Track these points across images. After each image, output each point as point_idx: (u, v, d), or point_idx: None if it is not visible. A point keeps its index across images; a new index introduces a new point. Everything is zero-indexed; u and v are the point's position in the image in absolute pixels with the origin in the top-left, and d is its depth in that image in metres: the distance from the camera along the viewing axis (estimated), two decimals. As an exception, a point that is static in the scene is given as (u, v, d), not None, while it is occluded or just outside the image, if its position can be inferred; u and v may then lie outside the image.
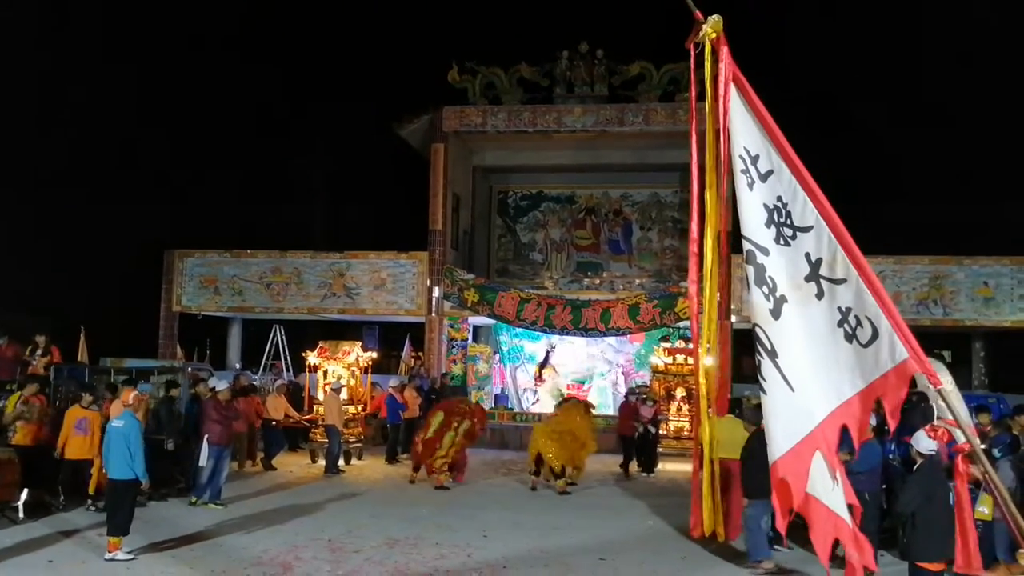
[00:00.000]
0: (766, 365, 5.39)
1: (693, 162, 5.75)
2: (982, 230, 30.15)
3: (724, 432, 11.92)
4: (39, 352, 17.15)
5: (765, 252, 5.34)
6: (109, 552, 10.51)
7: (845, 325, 4.99)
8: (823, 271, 5.06)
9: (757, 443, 10.74)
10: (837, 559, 10.69)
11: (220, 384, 14.88)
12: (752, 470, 10.62)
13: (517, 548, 11.65)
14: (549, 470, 16.03)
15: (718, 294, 5.69)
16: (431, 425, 16.45)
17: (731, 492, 11.37)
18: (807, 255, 5.12)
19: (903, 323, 4.78)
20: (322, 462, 18.26)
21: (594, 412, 18.33)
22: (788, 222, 5.19)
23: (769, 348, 5.37)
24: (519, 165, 28.61)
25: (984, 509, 9.03)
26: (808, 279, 5.14)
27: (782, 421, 5.38)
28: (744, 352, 29.53)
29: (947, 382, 12.10)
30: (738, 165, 5.34)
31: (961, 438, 4.75)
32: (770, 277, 5.34)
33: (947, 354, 33.54)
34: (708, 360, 7.86)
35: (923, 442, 8.40)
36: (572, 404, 17.34)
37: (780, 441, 5.38)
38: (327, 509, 14.05)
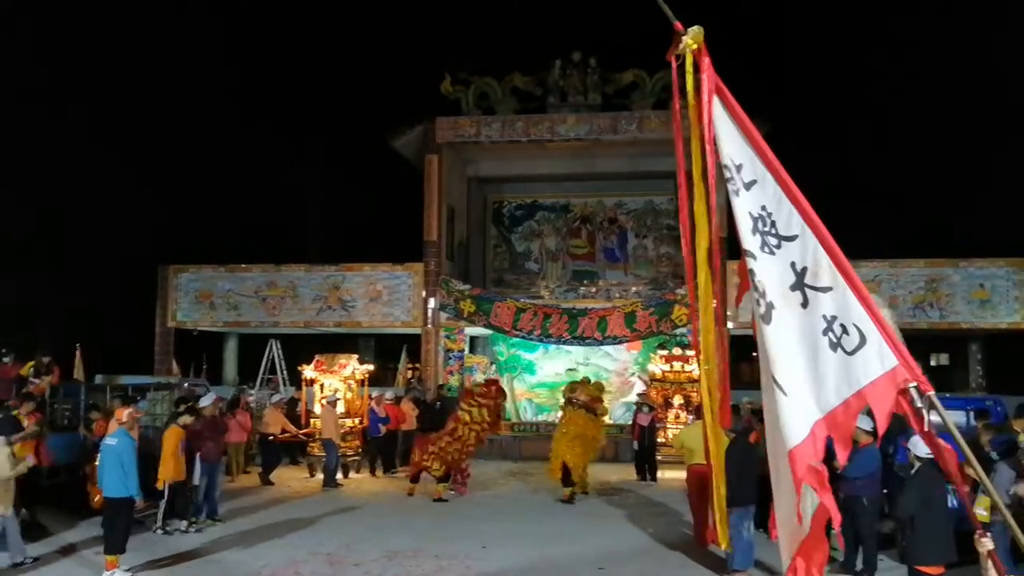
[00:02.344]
0: (763, 368, 5.40)
1: (681, 172, 5.73)
2: (977, 232, 30.22)
3: (700, 438, 11.91)
4: (43, 372, 17.09)
5: (753, 257, 5.34)
6: (107, 571, 10.50)
7: (830, 334, 4.97)
8: (808, 280, 5.06)
9: (736, 451, 10.72)
10: (836, 562, 10.70)
11: (205, 400, 14.79)
12: (731, 478, 10.57)
13: (516, 558, 11.63)
14: (577, 476, 16.05)
15: (714, 301, 5.67)
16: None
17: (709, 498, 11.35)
18: (792, 264, 5.11)
19: (891, 330, 4.78)
20: (320, 476, 18.23)
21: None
22: (772, 231, 5.19)
23: (765, 351, 5.38)
24: (513, 175, 28.63)
25: (982, 511, 9.01)
26: (793, 288, 5.13)
27: (780, 423, 5.38)
28: (742, 358, 29.60)
29: None
30: (724, 173, 5.34)
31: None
32: (759, 282, 5.34)
33: (944, 357, 33.67)
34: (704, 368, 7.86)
35: (920, 446, 8.40)
36: (572, 410, 17.04)
37: (780, 444, 5.39)
38: (326, 523, 14.02)
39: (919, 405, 4.69)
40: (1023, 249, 23.17)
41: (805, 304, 5.07)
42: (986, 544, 4.97)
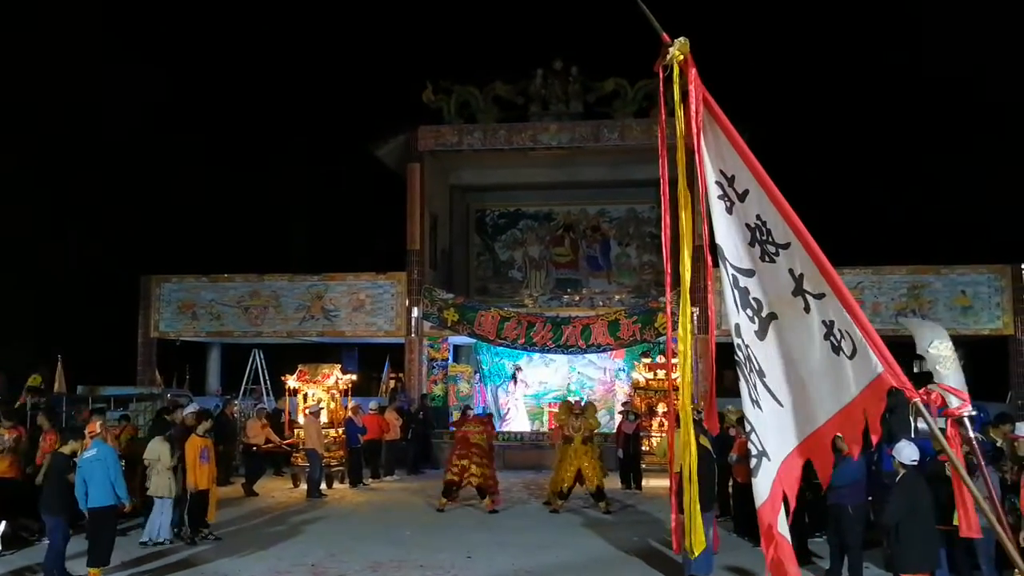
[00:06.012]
0: (757, 383, 5.43)
1: (664, 183, 5.72)
2: (959, 238, 30.32)
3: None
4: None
5: (749, 274, 5.37)
6: (90, 583, 10.41)
7: (831, 338, 5.02)
8: (806, 286, 5.09)
9: (699, 456, 10.72)
10: (821, 570, 10.72)
11: (188, 410, 14.72)
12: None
13: (501, 568, 11.61)
14: (596, 489, 15.96)
15: (695, 309, 5.69)
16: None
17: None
18: (790, 270, 5.14)
19: (876, 336, 4.80)
20: (304, 486, 18.15)
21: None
22: (770, 239, 5.22)
23: (758, 368, 5.41)
24: (496, 183, 28.63)
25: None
26: (795, 294, 5.18)
27: (773, 434, 5.42)
28: (726, 366, 29.62)
29: (946, 347, 12.34)
30: (715, 191, 5.37)
31: (954, 402, 4.77)
32: (755, 299, 5.38)
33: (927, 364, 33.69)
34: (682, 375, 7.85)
35: (905, 452, 8.44)
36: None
37: (776, 453, 5.44)
38: (310, 533, 13.96)
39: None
40: (1005, 255, 23.30)
41: (807, 309, 5.11)
42: None
